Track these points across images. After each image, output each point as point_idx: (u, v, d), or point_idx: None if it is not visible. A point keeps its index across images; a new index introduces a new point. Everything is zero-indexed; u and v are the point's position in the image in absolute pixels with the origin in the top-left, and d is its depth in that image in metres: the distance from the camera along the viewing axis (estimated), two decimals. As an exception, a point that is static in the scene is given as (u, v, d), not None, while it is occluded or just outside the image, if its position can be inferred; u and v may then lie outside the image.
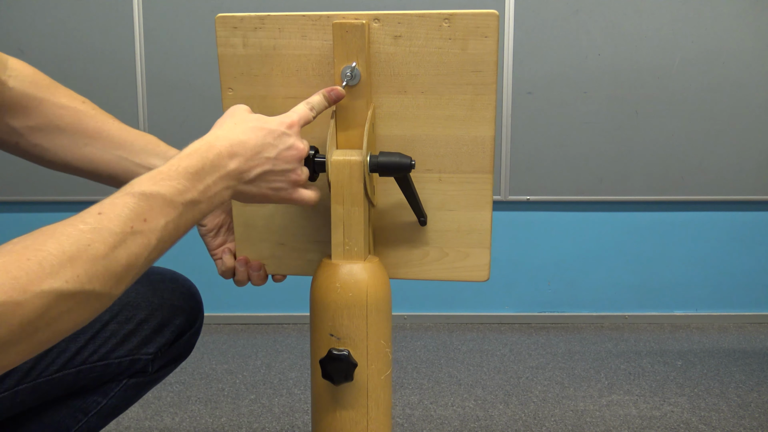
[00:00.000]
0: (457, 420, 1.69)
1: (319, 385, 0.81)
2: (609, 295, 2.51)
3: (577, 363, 2.08)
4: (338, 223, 0.78)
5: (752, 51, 2.32)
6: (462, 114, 0.79)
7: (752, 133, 2.37)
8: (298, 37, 0.79)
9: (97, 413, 0.89)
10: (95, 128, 0.83)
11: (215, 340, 2.31)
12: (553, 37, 2.32)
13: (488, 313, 2.51)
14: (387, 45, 0.77)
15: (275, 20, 0.78)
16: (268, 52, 0.80)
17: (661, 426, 1.66)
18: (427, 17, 0.76)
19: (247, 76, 0.81)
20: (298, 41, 0.79)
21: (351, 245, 0.78)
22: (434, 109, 0.80)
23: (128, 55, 2.34)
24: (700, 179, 2.39)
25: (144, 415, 1.72)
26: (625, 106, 2.36)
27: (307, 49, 0.79)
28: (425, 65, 0.78)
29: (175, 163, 0.62)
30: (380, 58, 0.78)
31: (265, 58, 0.80)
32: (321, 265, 0.80)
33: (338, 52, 0.76)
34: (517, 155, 2.38)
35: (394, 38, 0.77)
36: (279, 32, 0.78)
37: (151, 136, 0.88)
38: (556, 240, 2.48)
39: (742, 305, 2.51)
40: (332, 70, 0.79)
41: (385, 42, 0.77)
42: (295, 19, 0.78)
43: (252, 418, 1.70)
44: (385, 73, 0.79)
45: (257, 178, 0.68)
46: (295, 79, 0.81)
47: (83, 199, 2.41)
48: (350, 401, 0.79)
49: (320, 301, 0.78)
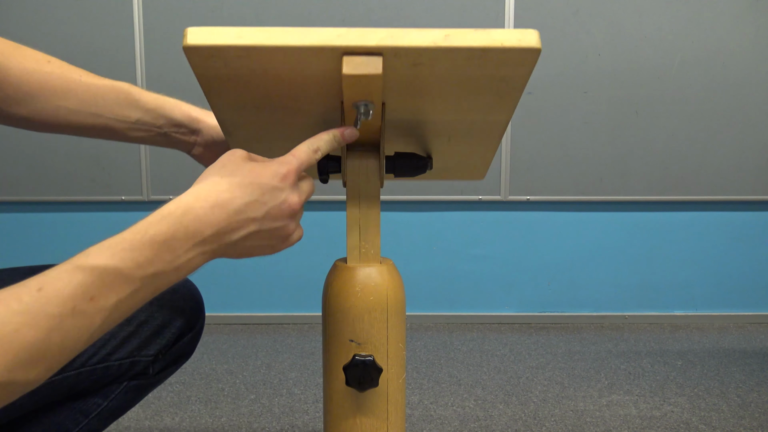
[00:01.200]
0: (457, 420, 1.69)
1: (337, 391, 0.78)
2: (609, 295, 2.51)
3: (577, 363, 2.08)
4: (354, 226, 0.76)
5: (752, 51, 2.32)
6: (481, 116, 0.75)
7: (752, 133, 2.37)
8: (294, 65, 0.64)
9: (98, 415, 0.89)
10: (64, 88, 0.81)
11: (215, 340, 2.31)
12: (553, 37, 2.32)
13: (488, 313, 2.51)
14: (404, 69, 0.65)
15: (263, 51, 0.62)
16: (257, 75, 0.66)
17: (661, 426, 1.66)
18: (456, 52, 0.62)
19: (234, 98, 0.71)
20: (295, 68, 0.65)
21: (367, 248, 0.77)
22: (452, 113, 0.74)
23: (128, 55, 2.34)
24: (700, 179, 2.39)
25: (144, 415, 1.72)
26: (625, 106, 2.36)
27: (306, 75, 0.67)
28: (447, 83, 0.68)
29: (142, 229, 0.55)
30: (395, 81, 0.67)
31: (252, 81, 0.67)
32: (336, 269, 0.78)
33: (348, 95, 0.66)
34: (517, 155, 2.38)
35: (413, 65, 0.64)
36: (269, 61, 0.64)
37: (122, 85, 0.83)
38: (556, 240, 2.48)
39: (742, 305, 2.51)
40: (335, 88, 0.68)
41: (401, 68, 0.65)
42: (291, 51, 0.61)
43: (252, 418, 1.70)
44: (401, 91, 0.70)
45: (240, 240, 0.61)
46: (292, 101, 0.71)
47: (83, 198, 2.41)
48: (372, 407, 0.77)
49: (338, 306, 0.76)
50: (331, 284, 0.77)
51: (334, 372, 0.77)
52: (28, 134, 2.39)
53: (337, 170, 0.76)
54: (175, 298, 0.92)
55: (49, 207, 2.44)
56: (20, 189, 2.41)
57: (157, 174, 2.40)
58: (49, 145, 2.39)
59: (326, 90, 0.67)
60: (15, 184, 2.41)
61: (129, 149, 2.39)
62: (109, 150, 2.40)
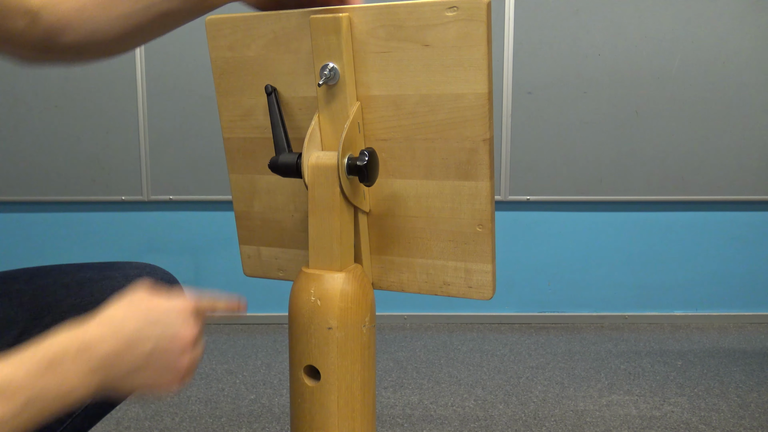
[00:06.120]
0: (457, 420, 1.69)
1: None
2: (609, 295, 2.51)
3: (577, 363, 2.08)
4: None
5: (752, 51, 2.32)
6: None
7: (752, 133, 2.37)
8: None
9: (81, 415, 0.89)
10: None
11: (215, 340, 2.31)
12: (553, 37, 2.32)
13: (488, 313, 2.51)
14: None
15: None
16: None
17: (661, 426, 1.66)
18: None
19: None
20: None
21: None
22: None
23: (128, 55, 2.34)
24: (700, 179, 2.39)
25: (144, 415, 1.72)
26: (625, 106, 2.36)
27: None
28: None
29: (35, 348, 0.55)
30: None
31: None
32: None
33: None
34: (517, 155, 2.38)
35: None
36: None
37: None
38: (556, 240, 2.48)
39: (742, 305, 2.51)
40: None
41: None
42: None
43: (252, 418, 1.70)
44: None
45: (132, 370, 0.60)
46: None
47: (83, 198, 2.41)
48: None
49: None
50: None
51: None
52: (28, 134, 2.39)
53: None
54: None
55: (49, 207, 2.44)
56: (20, 189, 2.41)
57: (157, 174, 2.40)
58: (49, 145, 2.39)
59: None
60: (15, 184, 2.41)
61: (129, 149, 2.39)
62: (109, 150, 2.40)
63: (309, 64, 0.78)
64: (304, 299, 0.76)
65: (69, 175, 2.41)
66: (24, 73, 2.33)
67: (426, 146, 0.78)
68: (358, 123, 0.77)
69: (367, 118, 0.78)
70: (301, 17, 0.76)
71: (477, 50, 0.71)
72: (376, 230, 0.84)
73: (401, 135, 0.78)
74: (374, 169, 0.75)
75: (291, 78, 0.80)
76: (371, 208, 0.83)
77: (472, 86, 0.73)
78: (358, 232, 0.80)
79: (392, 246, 0.84)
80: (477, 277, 0.81)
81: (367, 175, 0.74)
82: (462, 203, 0.78)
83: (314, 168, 0.74)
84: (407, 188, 0.80)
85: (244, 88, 0.83)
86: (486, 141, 0.75)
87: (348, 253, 0.78)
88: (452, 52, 0.72)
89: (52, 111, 2.38)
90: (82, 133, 2.39)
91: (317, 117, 0.77)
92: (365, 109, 0.78)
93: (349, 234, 0.78)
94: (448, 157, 0.77)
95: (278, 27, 0.78)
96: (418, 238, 0.82)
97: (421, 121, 0.76)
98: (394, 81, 0.76)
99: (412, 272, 0.84)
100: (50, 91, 2.36)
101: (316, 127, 0.77)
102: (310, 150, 0.75)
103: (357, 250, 0.81)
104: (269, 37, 0.79)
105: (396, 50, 0.74)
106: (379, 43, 0.75)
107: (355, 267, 0.79)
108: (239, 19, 0.80)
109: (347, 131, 0.75)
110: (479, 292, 0.81)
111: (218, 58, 0.82)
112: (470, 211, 0.78)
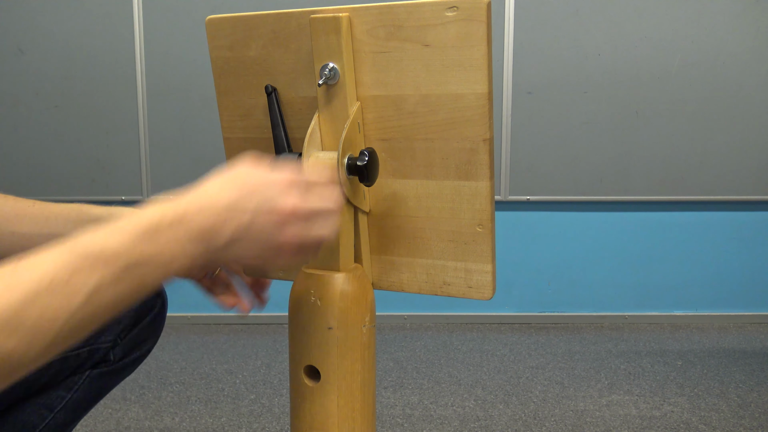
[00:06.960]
0: (457, 420, 1.69)
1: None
2: (609, 295, 2.51)
3: (577, 363, 2.08)
4: None
5: (752, 51, 2.32)
6: None
7: (752, 133, 2.37)
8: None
9: (64, 408, 0.89)
10: (15, 214, 0.81)
11: (215, 340, 2.31)
12: (553, 37, 2.32)
13: (488, 313, 2.51)
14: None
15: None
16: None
17: (661, 426, 1.66)
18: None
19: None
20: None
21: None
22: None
23: (128, 55, 2.34)
24: (700, 179, 2.39)
25: (144, 415, 1.72)
26: (625, 106, 2.36)
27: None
28: None
29: (129, 217, 0.54)
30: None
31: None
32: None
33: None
34: (517, 155, 2.38)
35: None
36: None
37: (74, 205, 0.84)
38: (556, 240, 2.48)
39: (742, 305, 2.51)
40: None
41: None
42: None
43: (252, 418, 1.70)
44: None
45: (229, 242, 0.58)
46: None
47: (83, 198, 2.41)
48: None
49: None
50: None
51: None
52: (29, 134, 2.39)
53: None
54: None
55: (49, 207, 2.44)
56: (20, 189, 2.41)
57: (157, 174, 2.40)
58: (49, 145, 2.39)
59: None
60: (15, 184, 2.41)
61: (129, 149, 2.39)
62: (109, 150, 2.40)
63: (309, 64, 0.78)
64: (305, 299, 0.76)
65: (69, 175, 2.41)
66: (24, 73, 2.33)
67: (426, 146, 0.78)
68: (358, 123, 0.77)
69: (367, 118, 0.78)
70: (301, 17, 0.76)
71: (477, 50, 0.71)
72: (377, 230, 0.84)
73: (401, 135, 0.78)
74: (374, 169, 0.75)
75: (291, 78, 0.80)
76: (371, 208, 0.83)
77: (472, 86, 0.73)
78: (358, 232, 0.80)
79: (392, 246, 0.84)
80: (477, 277, 0.81)
81: (367, 175, 0.74)
82: (462, 203, 0.78)
83: (313, 167, 0.74)
84: (407, 188, 0.80)
85: (244, 87, 0.83)
86: (486, 141, 0.75)
87: (348, 253, 0.78)
88: (452, 52, 0.72)
89: (52, 111, 2.38)
90: (82, 133, 2.39)
91: (317, 117, 0.77)
92: (365, 109, 0.78)
93: (349, 234, 0.78)
94: (448, 157, 0.77)
95: (278, 27, 0.78)
96: (418, 238, 0.82)
97: (421, 121, 0.76)
98: (394, 81, 0.76)
99: (412, 272, 0.84)
100: (50, 91, 2.36)
101: (316, 127, 0.77)
102: (310, 150, 0.75)
103: (357, 250, 0.81)
104: (269, 37, 0.79)
105: (396, 50, 0.74)
106: (379, 43, 0.75)
107: (355, 267, 0.79)
108: (239, 19, 0.80)
109: (347, 131, 0.75)
110: (479, 292, 0.81)
111: (218, 57, 0.82)
112: (470, 211, 0.78)
